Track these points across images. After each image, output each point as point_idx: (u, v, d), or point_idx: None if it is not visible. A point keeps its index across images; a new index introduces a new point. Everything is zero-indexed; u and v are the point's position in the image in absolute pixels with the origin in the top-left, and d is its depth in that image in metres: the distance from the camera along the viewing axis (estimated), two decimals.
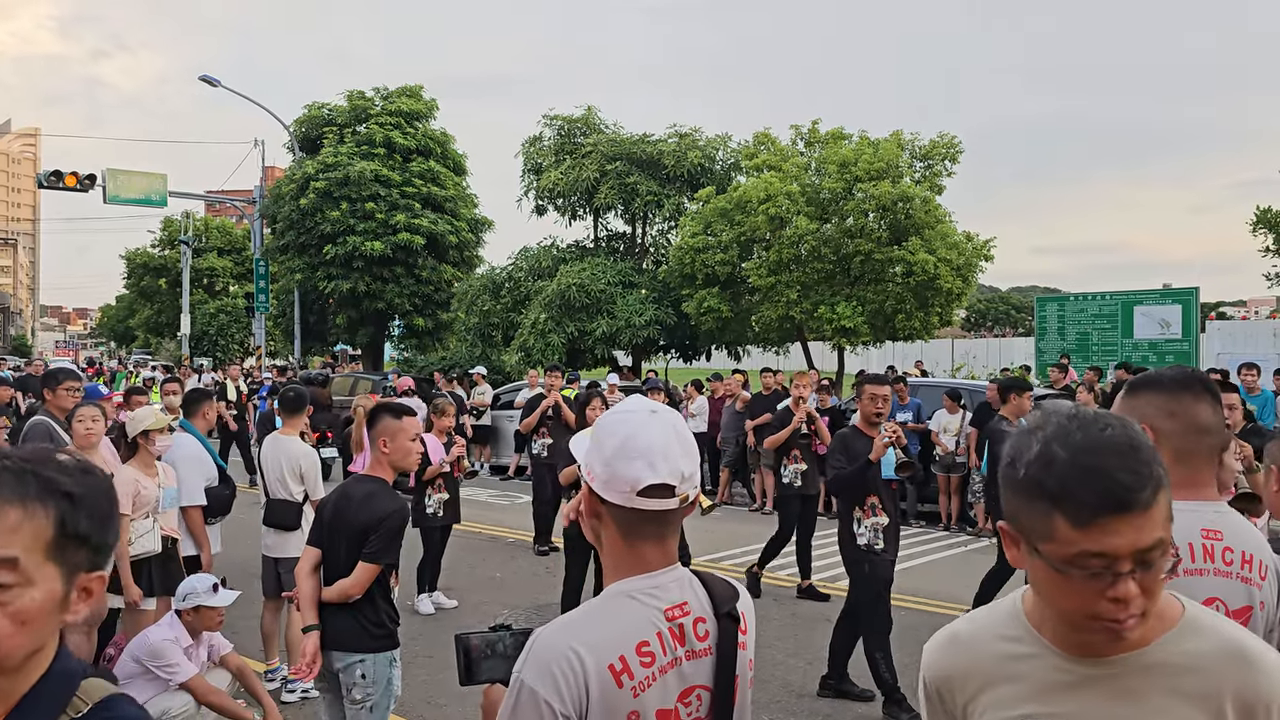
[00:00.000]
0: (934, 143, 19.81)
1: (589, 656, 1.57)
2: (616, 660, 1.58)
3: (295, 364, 29.33)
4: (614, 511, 1.67)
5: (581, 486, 1.74)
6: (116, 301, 67.58)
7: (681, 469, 1.66)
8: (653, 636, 1.62)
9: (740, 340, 22.20)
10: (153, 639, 5.05)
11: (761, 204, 19.05)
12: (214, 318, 44.74)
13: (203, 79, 29.19)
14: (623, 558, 1.69)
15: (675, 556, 1.72)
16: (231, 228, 53.05)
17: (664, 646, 1.63)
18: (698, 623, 1.68)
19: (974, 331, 72.32)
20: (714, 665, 1.67)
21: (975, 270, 19.53)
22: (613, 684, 1.57)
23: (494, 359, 24.02)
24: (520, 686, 1.58)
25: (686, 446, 1.70)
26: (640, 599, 1.65)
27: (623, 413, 1.72)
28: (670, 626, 1.65)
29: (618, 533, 1.69)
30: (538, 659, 1.59)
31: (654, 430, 1.67)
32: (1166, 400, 2.12)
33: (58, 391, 6.30)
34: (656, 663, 1.61)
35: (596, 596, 1.73)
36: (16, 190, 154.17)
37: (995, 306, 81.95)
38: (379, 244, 26.68)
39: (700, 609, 1.69)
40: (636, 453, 1.64)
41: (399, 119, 28.71)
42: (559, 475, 7.64)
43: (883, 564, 5.88)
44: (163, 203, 30.77)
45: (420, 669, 6.62)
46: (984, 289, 77.22)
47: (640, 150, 23.14)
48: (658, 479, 1.64)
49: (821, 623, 7.66)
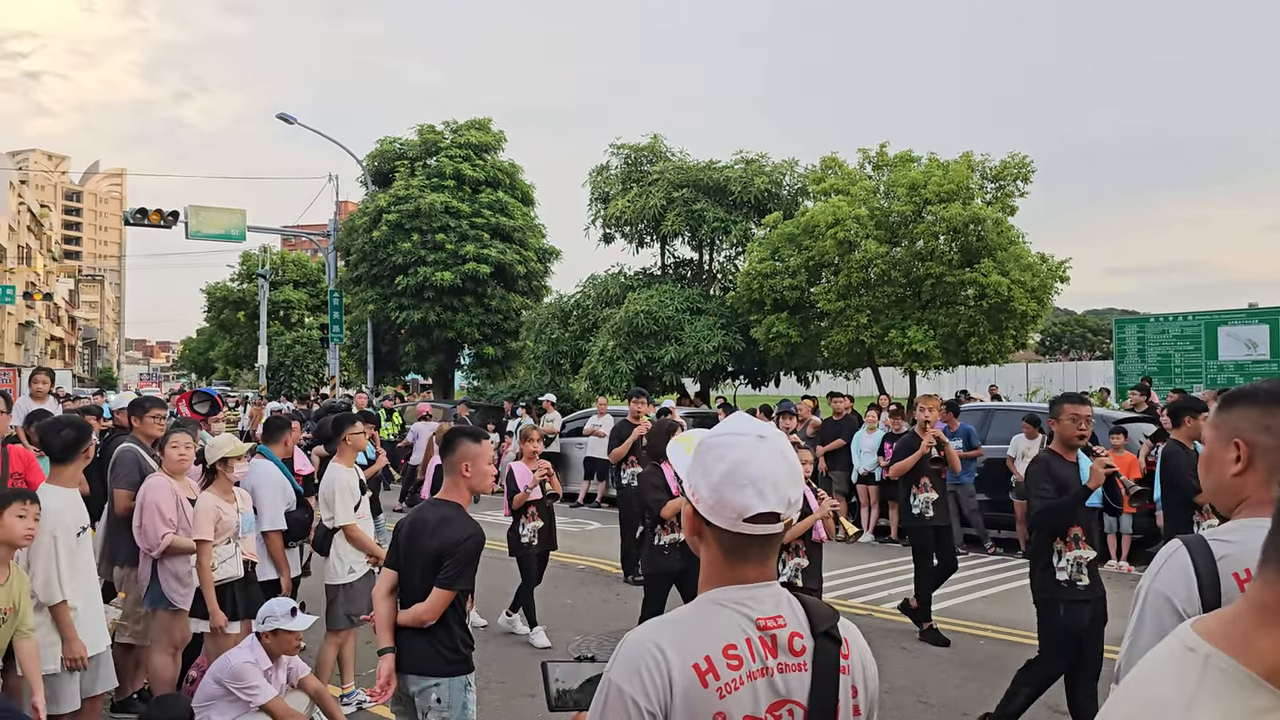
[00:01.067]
0: (1005, 163, 19.52)
1: (674, 655, 1.59)
2: (702, 660, 1.59)
3: (369, 393, 29.83)
4: (717, 534, 1.68)
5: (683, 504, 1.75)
6: (197, 334, 69.66)
7: (789, 496, 1.67)
8: (741, 642, 1.62)
9: (809, 366, 22.02)
10: (234, 661, 5.12)
11: (830, 228, 18.93)
12: (290, 349, 45.77)
13: (280, 117, 30.04)
14: (720, 572, 1.70)
15: (774, 574, 1.72)
16: (307, 261, 54.40)
17: (753, 653, 1.62)
18: (794, 637, 1.66)
19: (1049, 355, 70.79)
20: (811, 683, 1.65)
21: (1050, 292, 19.16)
22: (697, 683, 1.57)
23: (563, 387, 24.16)
24: (609, 685, 1.61)
25: (794, 473, 1.69)
26: (731, 607, 1.66)
27: (731, 435, 1.71)
28: (762, 636, 1.64)
29: (719, 552, 1.69)
30: (625, 658, 1.62)
31: (764, 456, 1.66)
32: (1262, 414, 2.03)
33: (145, 419, 6.46)
34: (744, 667, 1.60)
35: (687, 604, 1.73)
36: (104, 229, 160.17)
37: (1071, 329, 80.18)
38: (449, 274, 27.08)
39: (797, 625, 1.68)
40: (746, 480, 1.64)
41: (468, 151, 29.21)
42: (609, 453, 8.02)
43: (1079, 606, 5.39)
44: (241, 237, 31.65)
45: (494, 694, 6.61)
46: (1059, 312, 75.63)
47: (707, 177, 23.20)
48: (766, 507, 1.64)
49: (953, 666, 7.47)
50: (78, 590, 4.67)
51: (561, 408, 20.22)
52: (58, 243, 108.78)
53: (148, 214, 27.34)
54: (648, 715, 1.56)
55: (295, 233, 39.64)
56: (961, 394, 21.78)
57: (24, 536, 4.30)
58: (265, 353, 37.05)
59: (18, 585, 4.33)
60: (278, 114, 30.06)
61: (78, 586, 4.67)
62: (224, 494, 5.77)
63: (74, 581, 4.64)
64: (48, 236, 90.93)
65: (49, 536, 4.57)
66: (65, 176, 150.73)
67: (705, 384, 23.56)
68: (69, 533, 4.68)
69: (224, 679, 5.10)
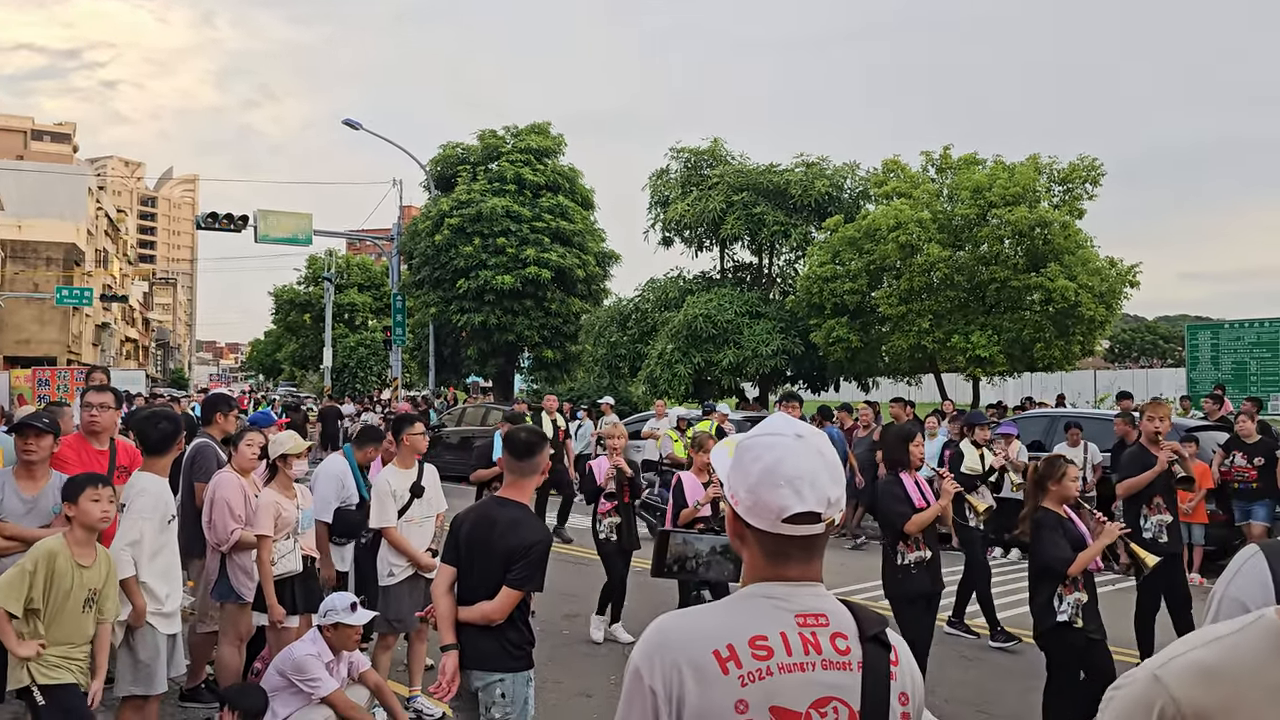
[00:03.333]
0: (1073, 166, 19.13)
1: (694, 641, 1.60)
2: (723, 647, 1.58)
3: (430, 395, 30.21)
4: (758, 535, 1.67)
5: (724, 506, 1.76)
6: (265, 336, 71.14)
7: (829, 495, 1.65)
8: (774, 634, 1.61)
9: (870, 371, 21.80)
10: (297, 654, 5.22)
11: (891, 232, 18.72)
12: (354, 351, 46.51)
13: (346, 123, 30.57)
14: (761, 574, 1.69)
15: (819, 575, 1.70)
16: (371, 264, 55.26)
17: (788, 647, 1.60)
18: (836, 637, 1.64)
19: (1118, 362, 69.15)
20: (862, 686, 1.62)
21: (1119, 298, 18.72)
22: (716, 669, 1.57)
23: (621, 390, 24.21)
24: (631, 666, 1.63)
25: (834, 472, 1.67)
26: (768, 600, 1.65)
27: (768, 435, 1.70)
28: (803, 632, 1.62)
29: (760, 554, 1.68)
30: (648, 640, 1.64)
31: (801, 455, 1.65)
32: None
33: (229, 416, 6.67)
34: (774, 659, 1.59)
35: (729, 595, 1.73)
36: (177, 233, 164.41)
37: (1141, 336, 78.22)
38: (509, 278, 27.31)
39: (841, 626, 1.66)
40: (783, 479, 1.63)
41: (529, 156, 29.45)
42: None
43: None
44: (308, 241, 32.25)
45: (550, 693, 6.64)
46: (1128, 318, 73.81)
47: (766, 180, 23.10)
48: (805, 507, 1.62)
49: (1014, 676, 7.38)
50: (158, 574, 4.79)
51: (620, 410, 20.25)
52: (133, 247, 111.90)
53: (219, 218, 28.04)
54: (662, 699, 1.57)
55: (360, 237, 40.27)
56: (1027, 400, 21.40)
57: (100, 520, 4.43)
58: (330, 354, 37.73)
59: (104, 568, 4.46)
60: (344, 120, 30.62)
61: (159, 570, 4.79)
62: (284, 490, 5.88)
63: (155, 564, 4.76)
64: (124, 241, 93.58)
65: (138, 517, 4.70)
66: (141, 183, 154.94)
67: (764, 388, 23.44)
68: (161, 519, 4.82)
69: (287, 671, 5.20)
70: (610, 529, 8.02)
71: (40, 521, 4.81)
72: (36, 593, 4.26)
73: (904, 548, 5.92)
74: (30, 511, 4.86)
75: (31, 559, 4.28)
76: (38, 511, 4.81)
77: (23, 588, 4.22)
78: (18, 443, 5.02)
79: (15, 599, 4.21)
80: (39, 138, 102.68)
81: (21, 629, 4.24)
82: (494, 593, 3.95)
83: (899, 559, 5.92)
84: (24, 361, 48.78)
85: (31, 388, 18.48)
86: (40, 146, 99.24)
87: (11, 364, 49.18)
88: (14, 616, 4.21)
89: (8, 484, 4.94)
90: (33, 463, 4.97)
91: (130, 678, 4.77)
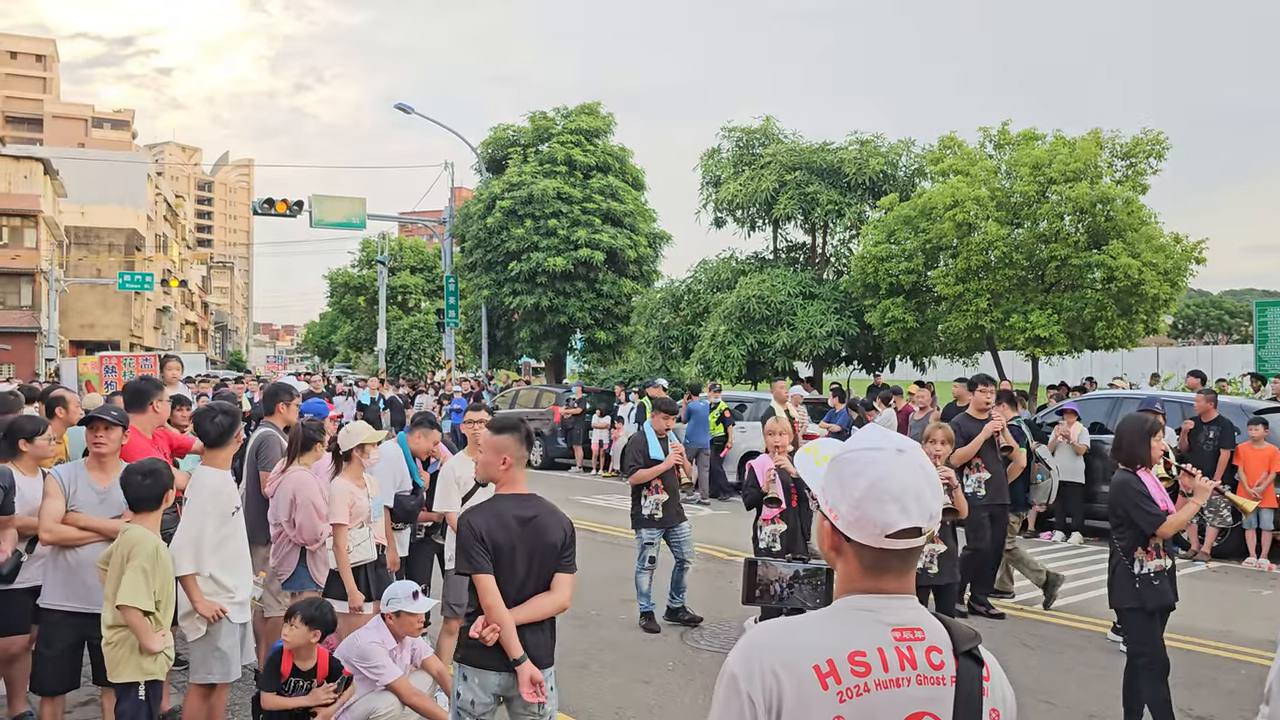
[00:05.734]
0: (1136, 140, 18.62)
1: (794, 654, 1.60)
2: (823, 662, 1.58)
3: (483, 377, 30.45)
4: (857, 549, 1.67)
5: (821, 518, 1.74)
6: (320, 319, 72.12)
7: (931, 509, 1.66)
8: (872, 650, 1.61)
9: (926, 351, 21.51)
10: (361, 641, 5.29)
11: (948, 210, 18.40)
12: (407, 333, 46.98)
13: (398, 107, 30.80)
14: (857, 586, 1.69)
15: (913, 588, 1.71)
16: (423, 247, 55.69)
17: (885, 663, 1.60)
18: (931, 651, 1.64)
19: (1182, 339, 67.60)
20: (955, 702, 1.63)
21: (1185, 274, 18.22)
22: (815, 684, 1.57)
23: (673, 371, 24.17)
24: (727, 672, 1.63)
25: (935, 486, 1.68)
26: (868, 613, 1.65)
27: (869, 450, 1.69)
28: (899, 646, 1.62)
29: (858, 567, 1.68)
30: (746, 647, 1.64)
31: (906, 471, 1.65)
32: None
33: (291, 405, 6.76)
34: (872, 675, 1.60)
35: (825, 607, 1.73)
36: (233, 217, 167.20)
37: (1206, 311, 76.38)
38: (561, 259, 27.36)
39: (936, 640, 1.66)
40: (890, 496, 1.63)
41: (579, 137, 29.41)
42: None
43: None
44: (362, 225, 32.62)
45: (608, 678, 6.68)
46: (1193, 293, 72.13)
47: (820, 159, 22.82)
48: (910, 523, 1.63)
49: (1078, 665, 7.29)
50: (223, 565, 4.87)
51: (672, 392, 20.23)
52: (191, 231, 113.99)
53: (274, 204, 28.45)
54: (761, 709, 1.58)
55: (412, 219, 40.63)
56: (1088, 380, 21.00)
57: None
58: (384, 337, 38.18)
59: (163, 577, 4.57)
60: (396, 104, 30.86)
61: (224, 562, 4.88)
62: (356, 480, 5.95)
63: (218, 556, 4.85)
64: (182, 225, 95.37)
65: (198, 513, 4.79)
66: (198, 168, 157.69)
67: (818, 369, 23.25)
68: (222, 512, 4.89)
69: (352, 658, 5.27)
70: (773, 537, 7.03)
71: (112, 512, 4.91)
72: (157, 586, 4.46)
73: (1143, 555, 5.33)
74: (102, 502, 4.96)
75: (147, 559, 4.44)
76: (109, 502, 4.91)
77: (148, 587, 4.41)
78: (88, 435, 5.12)
79: (145, 596, 4.40)
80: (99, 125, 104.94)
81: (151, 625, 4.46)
82: (545, 586, 3.92)
83: (1137, 567, 5.34)
84: (89, 346, 50.08)
85: (98, 374, 18.91)
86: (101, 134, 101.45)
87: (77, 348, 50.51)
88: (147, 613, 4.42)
89: (80, 475, 5.04)
90: (103, 455, 5.07)
91: (208, 665, 4.87)
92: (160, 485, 4.63)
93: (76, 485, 4.99)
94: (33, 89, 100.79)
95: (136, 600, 4.36)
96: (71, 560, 4.88)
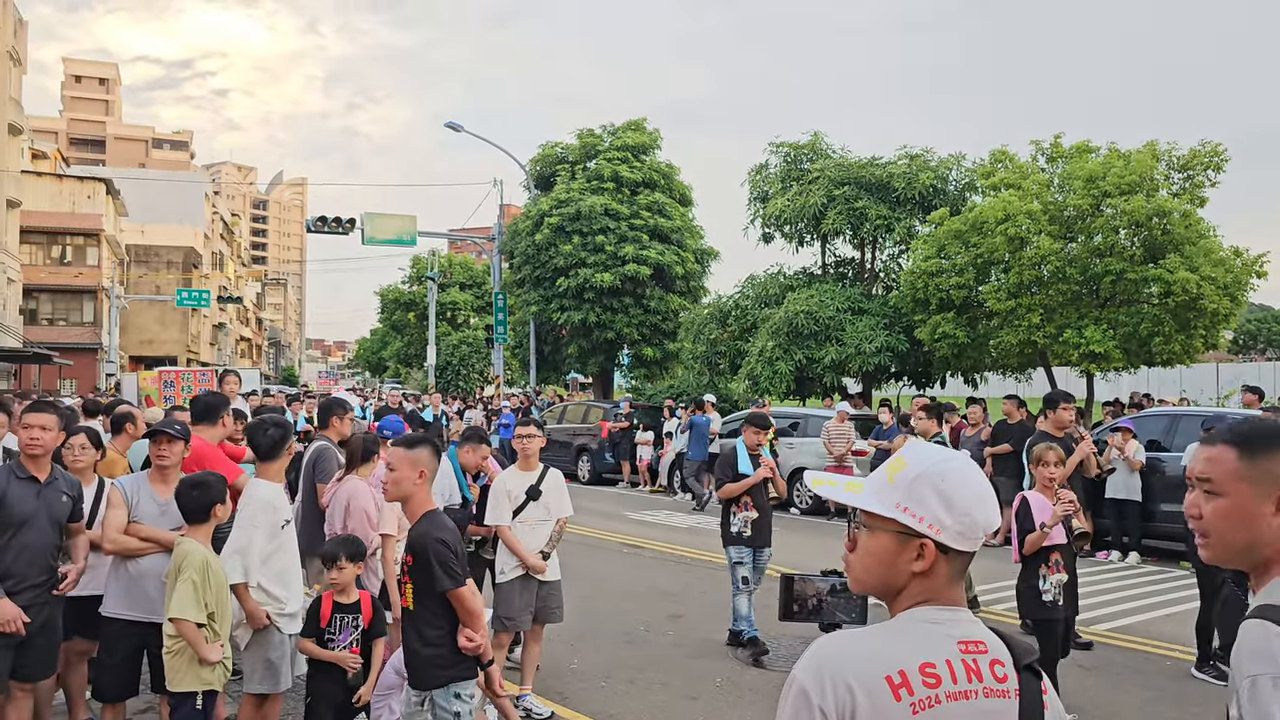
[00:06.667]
0: (1194, 152, 18.28)
1: (866, 666, 1.60)
2: (895, 674, 1.59)
3: (531, 393, 30.62)
4: (952, 559, 1.70)
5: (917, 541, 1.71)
6: (371, 334, 73.09)
7: (993, 516, 1.73)
8: (941, 661, 1.62)
9: (977, 367, 21.26)
10: None
11: (1000, 224, 18.20)
12: (457, 349, 47.40)
13: (448, 125, 31.18)
14: (933, 597, 1.70)
15: (963, 601, 1.74)
16: (472, 263, 56.24)
17: (954, 675, 1.61)
18: (995, 664, 1.66)
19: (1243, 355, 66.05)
20: (1019, 713, 1.65)
21: (1245, 288, 17.83)
22: (888, 696, 1.57)
23: (721, 387, 24.12)
24: (795, 684, 1.62)
25: (992, 494, 1.75)
26: (935, 625, 1.67)
27: (950, 460, 1.74)
28: (965, 659, 1.64)
29: (946, 578, 1.70)
30: (816, 661, 1.63)
31: (979, 476, 1.73)
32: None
33: (344, 420, 6.86)
34: (942, 687, 1.60)
35: (890, 620, 1.74)
36: (287, 235, 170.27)
37: (1269, 326, 74.54)
38: (608, 276, 27.48)
39: (998, 654, 1.68)
40: (988, 496, 1.71)
41: (626, 153, 29.55)
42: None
43: None
44: (412, 242, 33.00)
45: (657, 695, 6.66)
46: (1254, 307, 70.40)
47: (869, 173, 22.71)
48: (1000, 521, 1.72)
49: (1135, 686, 7.15)
50: (273, 577, 4.95)
51: (720, 408, 20.20)
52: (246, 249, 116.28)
53: (327, 221, 28.93)
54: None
55: (462, 236, 41.03)
56: (1145, 397, 20.60)
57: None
58: (434, 352, 38.55)
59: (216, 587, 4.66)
60: (446, 123, 31.22)
61: (274, 574, 4.96)
62: None
63: (268, 569, 4.92)
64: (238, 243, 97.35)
65: (247, 524, 4.88)
66: (253, 187, 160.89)
67: (867, 385, 23.06)
68: (272, 525, 4.97)
69: (401, 669, 5.31)
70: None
71: (172, 524, 5.02)
72: (210, 598, 4.56)
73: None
74: (163, 514, 5.07)
75: (196, 571, 4.53)
76: (170, 515, 5.01)
77: (199, 599, 4.50)
78: (151, 448, 5.23)
79: (196, 608, 4.49)
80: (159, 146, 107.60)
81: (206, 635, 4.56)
82: None
83: None
84: (148, 361, 51.21)
85: (158, 389, 19.33)
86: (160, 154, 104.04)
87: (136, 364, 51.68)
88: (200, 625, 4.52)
89: (143, 487, 5.16)
90: (165, 467, 5.18)
91: (259, 675, 4.94)
92: (209, 498, 4.69)
93: (139, 497, 5.10)
94: (96, 111, 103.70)
95: (186, 612, 4.45)
96: (133, 570, 4.98)
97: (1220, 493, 1.81)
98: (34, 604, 4.77)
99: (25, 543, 4.77)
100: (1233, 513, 1.80)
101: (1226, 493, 1.81)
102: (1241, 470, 1.79)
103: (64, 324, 50.11)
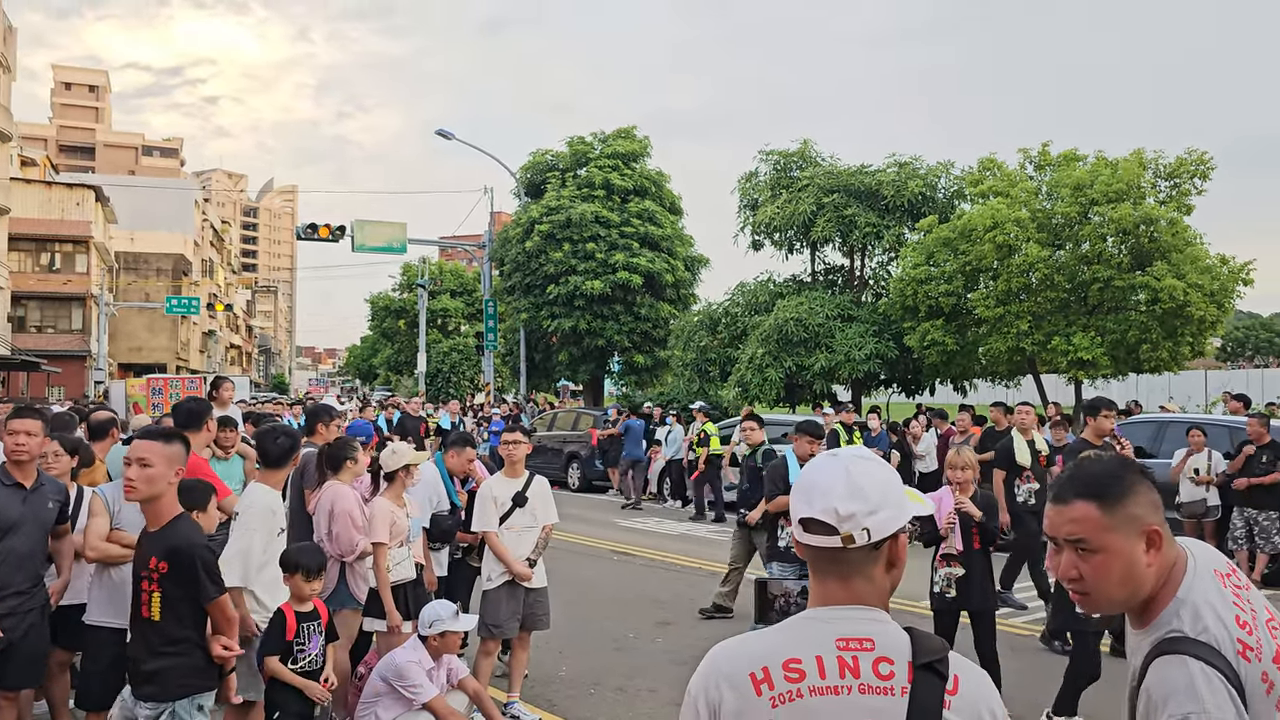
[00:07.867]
0: (1181, 160, 18.41)
1: (736, 662, 1.67)
2: (759, 670, 1.64)
3: (521, 400, 30.59)
4: (805, 555, 1.76)
5: None
6: (361, 342, 72.87)
7: (836, 507, 1.67)
8: (809, 657, 1.64)
9: (966, 374, 21.32)
10: (398, 660, 5.31)
11: (988, 232, 18.29)
12: (447, 356, 47.33)
13: (439, 133, 31.20)
14: (816, 598, 1.75)
15: (866, 599, 1.70)
16: (463, 271, 56.17)
17: (822, 670, 1.63)
18: (880, 662, 1.64)
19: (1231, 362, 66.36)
20: (907, 713, 1.62)
21: (1232, 296, 17.94)
22: (750, 691, 1.63)
23: (711, 394, 24.13)
24: (690, 686, 1.73)
25: (854, 488, 1.68)
26: (816, 622, 1.69)
27: (818, 459, 1.81)
28: (841, 655, 1.64)
29: (812, 575, 1.76)
30: (707, 659, 1.73)
31: (823, 471, 1.73)
32: (1151, 490, 1.89)
33: (330, 426, 6.85)
34: (806, 681, 1.62)
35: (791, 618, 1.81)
36: (278, 242, 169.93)
37: (1256, 334, 74.94)
38: (599, 283, 27.49)
39: (890, 651, 1.65)
40: (800, 490, 1.73)
41: (616, 161, 29.61)
42: None
43: None
44: (402, 250, 33.01)
45: (645, 703, 6.65)
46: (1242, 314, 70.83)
47: (858, 181, 22.78)
48: (810, 513, 1.69)
49: None
50: (266, 585, 4.94)
51: (711, 415, 20.19)
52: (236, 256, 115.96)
53: (317, 229, 28.91)
54: (705, 715, 1.66)
55: (452, 244, 41.03)
56: (1133, 404, 20.67)
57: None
58: (424, 360, 38.47)
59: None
60: (437, 130, 31.25)
61: (267, 581, 4.95)
62: (397, 499, 6.01)
63: (263, 575, 4.92)
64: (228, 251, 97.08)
65: (247, 529, 4.86)
66: (243, 194, 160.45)
67: (857, 392, 23.10)
68: (269, 531, 4.97)
69: (389, 676, 5.30)
70: (947, 581, 6.29)
71: None
72: None
73: None
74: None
75: None
76: None
77: None
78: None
79: None
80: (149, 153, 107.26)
81: None
82: None
83: None
84: (137, 369, 51.00)
85: (146, 396, 19.26)
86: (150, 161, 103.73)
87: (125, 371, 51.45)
88: None
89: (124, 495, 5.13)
90: None
91: (245, 683, 4.92)
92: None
93: (121, 504, 5.07)
94: (86, 118, 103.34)
95: None
96: (116, 577, 4.95)
97: (1095, 549, 1.84)
98: (16, 611, 4.74)
99: (10, 549, 4.75)
100: (1113, 565, 1.83)
101: (1101, 548, 1.84)
102: (1106, 522, 1.83)
103: (53, 331, 49.88)
